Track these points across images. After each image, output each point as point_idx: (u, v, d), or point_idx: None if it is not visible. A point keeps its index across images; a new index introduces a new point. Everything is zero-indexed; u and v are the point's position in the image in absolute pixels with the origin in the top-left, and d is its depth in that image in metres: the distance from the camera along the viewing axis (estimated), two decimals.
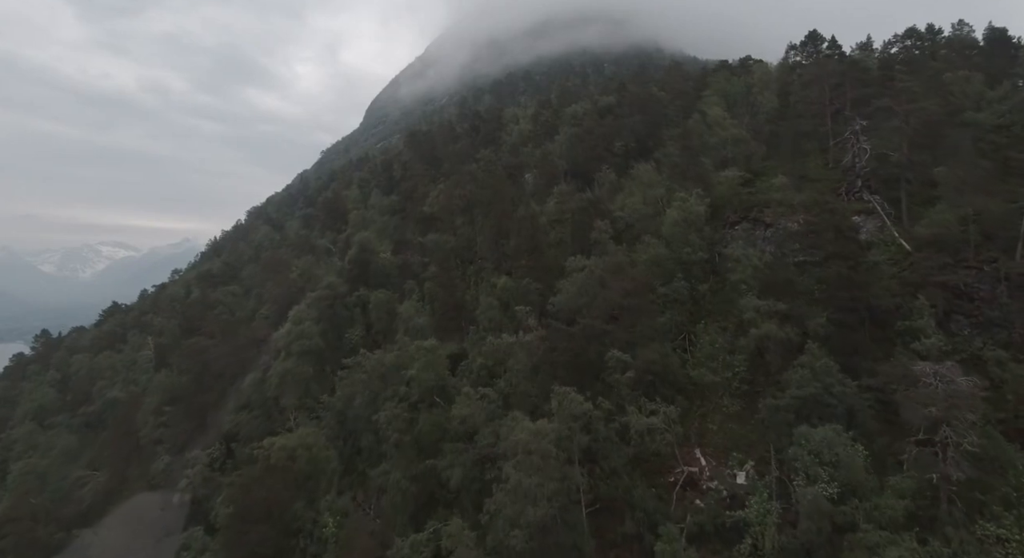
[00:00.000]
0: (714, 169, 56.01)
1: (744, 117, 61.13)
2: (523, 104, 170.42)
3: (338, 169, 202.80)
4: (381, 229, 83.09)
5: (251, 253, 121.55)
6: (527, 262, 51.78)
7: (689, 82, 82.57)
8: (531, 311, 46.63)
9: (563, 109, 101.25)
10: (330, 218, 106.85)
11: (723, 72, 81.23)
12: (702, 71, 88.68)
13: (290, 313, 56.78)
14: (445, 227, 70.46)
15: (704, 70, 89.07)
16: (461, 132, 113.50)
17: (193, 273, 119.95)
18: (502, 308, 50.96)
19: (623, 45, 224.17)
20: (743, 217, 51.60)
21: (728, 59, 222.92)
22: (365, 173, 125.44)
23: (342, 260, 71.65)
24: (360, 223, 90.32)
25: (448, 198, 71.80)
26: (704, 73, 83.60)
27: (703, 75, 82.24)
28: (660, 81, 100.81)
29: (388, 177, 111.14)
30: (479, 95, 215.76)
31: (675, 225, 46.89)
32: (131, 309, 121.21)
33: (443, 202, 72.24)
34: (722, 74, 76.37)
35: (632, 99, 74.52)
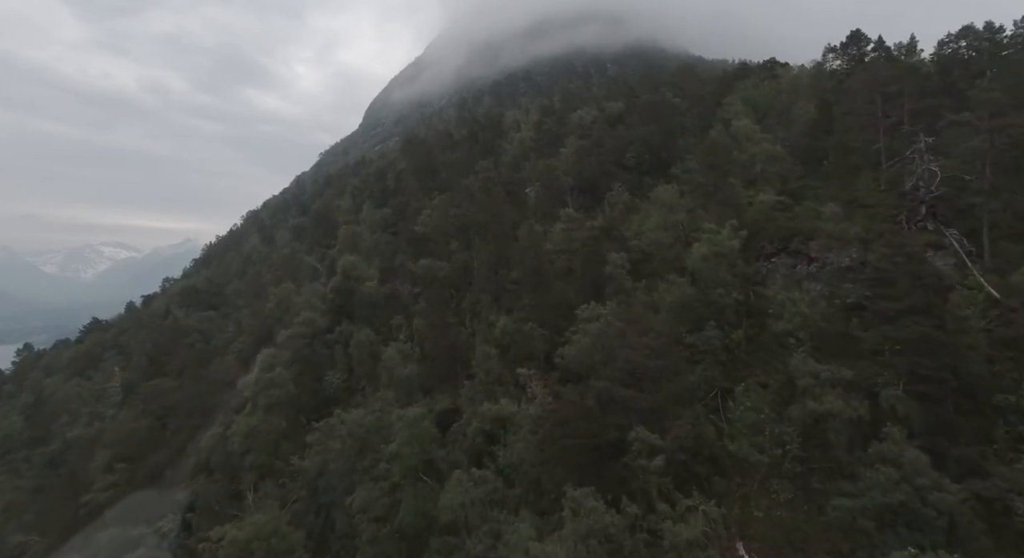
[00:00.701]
0: (744, 190, 48.38)
1: (776, 129, 53.31)
2: (524, 107, 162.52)
3: (334, 174, 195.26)
4: (371, 248, 75.44)
5: (238, 266, 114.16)
6: (530, 301, 44.15)
7: (706, 87, 74.70)
8: (535, 370, 39.15)
9: (567, 115, 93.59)
10: (320, 231, 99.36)
11: (747, 76, 73.38)
12: (721, 74, 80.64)
13: (259, 355, 49.24)
14: (438, 250, 62.84)
15: (723, 73, 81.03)
16: (459, 139, 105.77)
17: (178, 286, 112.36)
18: (501, 353, 43.45)
19: (622, 44, 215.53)
20: (781, 248, 43.88)
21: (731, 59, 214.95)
22: (358, 181, 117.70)
23: (327, 284, 64.04)
24: (349, 239, 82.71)
25: (442, 217, 64.19)
26: (724, 77, 75.66)
27: (722, 79, 74.30)
28: (672, 85, 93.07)
29: (382, 187, 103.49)
30: (478, 96, 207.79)
31: (704, 261, 39.22)
32: (112, 326, 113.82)
33: (436, 221, 64.60)
34: (750, 80, 68.33)
35: (644, 107, 66.68)
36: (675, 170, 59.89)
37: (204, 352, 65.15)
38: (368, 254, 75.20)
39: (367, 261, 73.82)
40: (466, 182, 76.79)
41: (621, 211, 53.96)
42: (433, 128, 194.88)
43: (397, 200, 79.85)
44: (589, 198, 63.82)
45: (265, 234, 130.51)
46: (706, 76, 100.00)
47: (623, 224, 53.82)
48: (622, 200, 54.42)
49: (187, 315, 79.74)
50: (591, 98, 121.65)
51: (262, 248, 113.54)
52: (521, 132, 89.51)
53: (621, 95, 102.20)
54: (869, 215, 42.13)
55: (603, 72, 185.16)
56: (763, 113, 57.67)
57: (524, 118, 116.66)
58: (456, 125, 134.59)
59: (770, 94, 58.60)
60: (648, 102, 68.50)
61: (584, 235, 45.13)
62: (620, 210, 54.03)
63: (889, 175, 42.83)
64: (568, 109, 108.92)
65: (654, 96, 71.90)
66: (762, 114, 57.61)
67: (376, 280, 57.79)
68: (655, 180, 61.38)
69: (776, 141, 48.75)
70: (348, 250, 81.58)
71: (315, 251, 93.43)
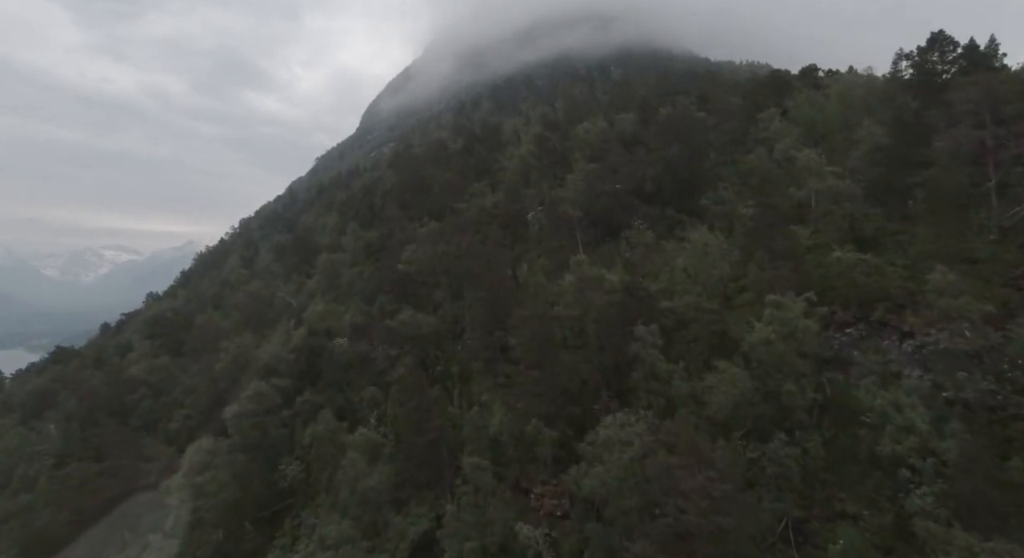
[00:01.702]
0: (800, 230, 37.76)
1: (835, 155, 42.53)
2: (524, 113, 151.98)
3: (326, 182, 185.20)
4: (350, 284, 64.90)
5: (215, 290, 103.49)
6: (533, 385, 33.55)
7: (734, 97, 63.95)
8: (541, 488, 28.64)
9: (572, 127, 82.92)
10: (300, 255, 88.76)
11: (783, 86, 62.57)
12: (751, 83, 69.65)
13: (190, 450, 38.76)
14: (424, 295, 52.34)
15: (754, 82, 70.04)
16: (453, 151, 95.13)
17: (151, 312, 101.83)
18: (497, 456, 32.99)
19: (616, 45, 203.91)
20: (860, 317, 33.32)
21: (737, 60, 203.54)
22: (345, 197, 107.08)
23: (293, 333, 53.40)
24: (328, 271, 72.15)
25: (429, 254, 53.62)
26: (755, 87, 64.70)
27: (754, 89, 63.37)
28: (689, 93, 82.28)
29: (368, 205, 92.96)
30: (477, 101, 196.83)
31: (768, 345, 28.63)
32: (77, 355, 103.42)
33: (423, 258, 54.05)
34: (788, 90, 57.40)
35: (664, 124, 55.90)
36: (706, 200, 49.28)
37: (151, 412, 54.69)
38: (347, 291, 64.72)
39: (344, 301, 63.40)
40: (459, 206, 66.32)
41: (643, 253, 43.32)
42: (429, 135, 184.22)
43: (383, 223, 69.22)
44: (602, 231, 53.26)
45: (247, 253, 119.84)
46: (724, 81, 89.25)
47: (647, 271, 43.30)
48: (644, 240, 43.73)
49: (141, 358, 69.15)
50: (597, 106, 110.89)
51: (241, 271, 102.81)
52: (521, 148, 78.77)
53: (631, 104, 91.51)
54: (979, 274, 31.57)
55: (607, 75, 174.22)
56: (814, 133, 46.87)
57: (524, 128, 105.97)
58: (452, 133, 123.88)
59: (821, 109, 47.64)
60: (669, 118, 57.75)
61: (602, 298, 34.41)
62: (641, 253, 43.37)
63: (1004, 220, 32.21)
64: (572, 119, 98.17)
65: (675, 110, 61.12)
66: (813, 134, 46.83)
67: (348, 336, 47.08)
68: (680, 211, 50.94)
69: (843, 173, 37.90)
70: (325, 284, 71.27)
71: (293, 278, 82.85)
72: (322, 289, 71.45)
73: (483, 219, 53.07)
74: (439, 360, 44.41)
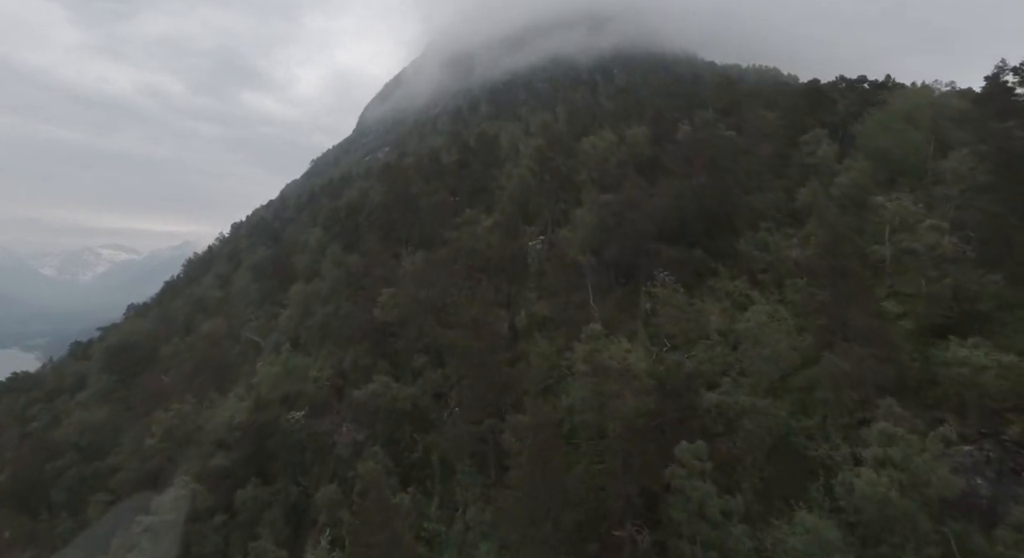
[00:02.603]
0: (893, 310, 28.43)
1: (914, 191, 33.16)
2: (523, 118, 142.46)
3: (317, 188, 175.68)
4: (323, 324, 55.43)
5: (188, 312, 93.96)
6: (535, 516, 24.27)
7: (765, 112, 54.53)
8: None
9: (576, 142, 73.52)
10: (277, 277, 79.26)
11: (824, 99, 53.15)
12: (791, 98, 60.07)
13: None
14: (405, 350, 42.94)
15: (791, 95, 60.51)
16: (447, 165, 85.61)
17: (114, 339, 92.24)
18: None
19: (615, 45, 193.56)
20: (987, 433, 24.09)
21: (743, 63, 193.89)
22: (330, 211, 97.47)
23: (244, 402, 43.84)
24: (301, 304, 62.75)
25: (411, 299, 44.30)
26: (795, 101, 55.11)
27: (793, 105, 53.77)
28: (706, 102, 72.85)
29: (353, 224, 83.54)
30: (475, 105, 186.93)
31: (882, 503, 19.35)
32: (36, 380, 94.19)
33: (403, 303, 44.73)
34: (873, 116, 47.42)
35: (688, 145, 46.42)
36: (744, 243, 39.99)
37: (80, 483, 45.26)
38: (318, 333, 55.31)
39: (315, 347, 54.07)
40: (449, 236, 57.00)
41: (672, 319, 33.90)
42: (424, 139, 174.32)
43: (363, 256, 59.80)
44: (617, 275, 43.93)
45: (226, 269, 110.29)
46: (745, 90, 79.75)
47: (678, 337, 34.03)
48: (674, 302, 34.25)
49: (90, 400, 59.69)
50: (601, 114, 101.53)
51: (217, 293, 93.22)
52: (520, 166, 69.27)
53: (640, 114, 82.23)
54: None
55: (609, 78, 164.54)
56: (886, 163, 37.42)
57: (523, 139, 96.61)
58: (448, 141, 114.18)
59: (896, 135, 38.00)
60: (692, 139, 48.32)
61: (629, 407, 24.98)
62: (671, 318, 33.94)
63: None
64: (576, 129, 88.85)
65: (697, 128, 51.73)
66: (884, 165, 37.40)
67: (307, 411, 37.61)
68: (710, 253, 41.59)
69: (941, 224, 28.46)
70: (297, 319, 61.85)
71: (266, 307, 73.45)
72: (294, 323, 62.13)
73: (475, 258, 43.66)
74: (416, 445, 35.06)
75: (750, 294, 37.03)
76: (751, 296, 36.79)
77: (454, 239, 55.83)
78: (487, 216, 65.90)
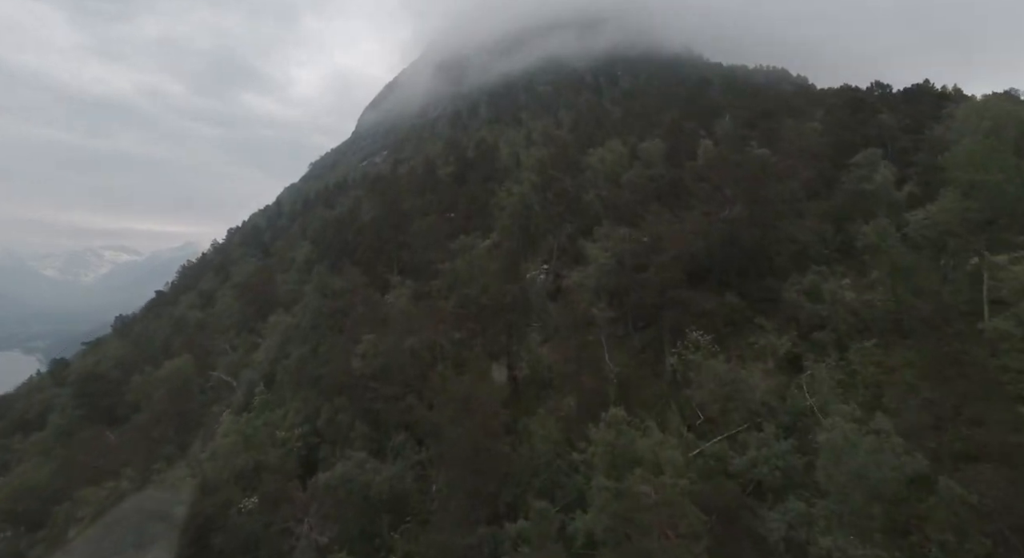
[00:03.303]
0: None
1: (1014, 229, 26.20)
2: (525, 124, 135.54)
3: (312, 195, 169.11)
4: (298, 367, 48.46)
5: (166, 335, 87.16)
6: None
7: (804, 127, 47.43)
8: None
9: (582, 154, 66.69)
10: (257, 304, 72.49)
11: (865, 108, 46.02)
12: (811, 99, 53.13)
13: None
14: (386, 412, 36.11)
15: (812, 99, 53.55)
16: (443, 177, 78.79)
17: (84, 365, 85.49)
18: None
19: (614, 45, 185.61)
20: None
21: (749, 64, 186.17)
22: (318, 226, 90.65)
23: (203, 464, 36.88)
24: (277, 337, 55.87)
25: (393, 350, 37.47)
26: (824, 106, 47.90)
27: (833, 116, 46.56)
28: (722, 109, 65.82)
29: (341, 242, 76.76)
30: (474, 108, 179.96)
31: None
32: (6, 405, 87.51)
33: (385, 353, 37.90)
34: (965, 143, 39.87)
35: (716, 166, 39.33)
36: (789, 289, 33.05)
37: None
38: (293, 378, 48.32)
39: (288, 394, 47.20)
40: (441, 267, 50.06)
41: (712, 394, 26.94)
42: (422, 143, 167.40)
43: (350, 279, 52.91)
44: (636, 320, 36.99)
45: (210, 285, 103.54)
46: (769, 96, 72.64)
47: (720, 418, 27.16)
48: (715, 372, 27.27)
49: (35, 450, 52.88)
50: (608, 121, 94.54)
51: (198, 314, 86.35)
52: (522, 182, 62.32)
53: (651, 123, 75.37)
54: None
55: (614, 81, 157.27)
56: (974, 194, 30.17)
57: (524, 148, 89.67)
58: (446, 148, 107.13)
59: (996, 161, 30.29)
60: (721, 159, 41.28)
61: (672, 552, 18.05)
62: (710, 391, 26.99)
63: None
64: (581, 139, 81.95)
65: (723, 145, 44.69)
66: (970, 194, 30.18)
67: (259, 501, 30.70)
68: (746, 298, 34.72)
69: None
70: (274, 352, 54.95)
71: (243, 337, 66.65)
72: (271, 359, 55.28)
73: (469, 299, 36.72)
74: (394, 548, 28.14)
75: (800, 353, 30.24)
76: (802, 356, 30.01)
77: (447, 270, 48.94)
78: (486, 238, 59.18)
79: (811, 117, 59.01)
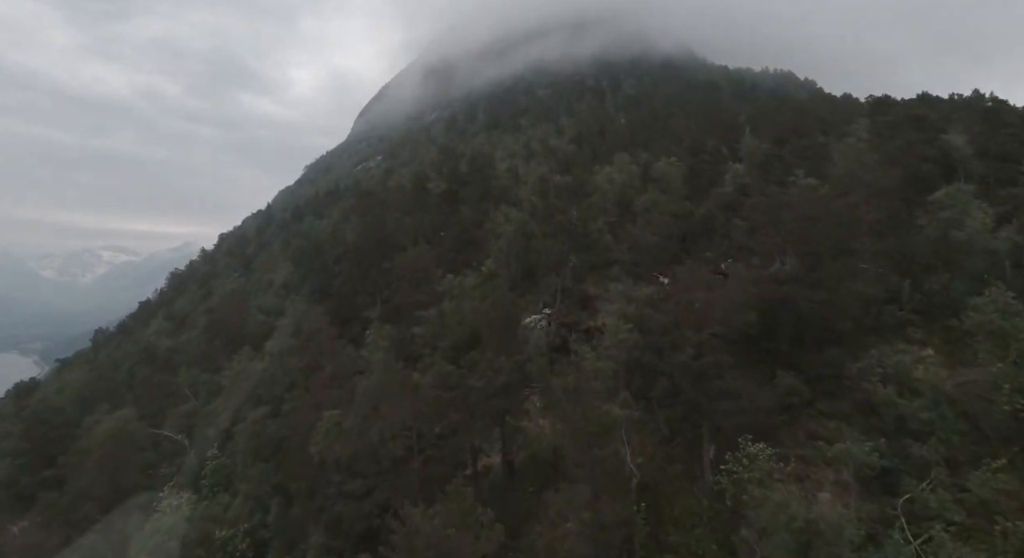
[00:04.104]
0: None
1: None
2: (524, 131, 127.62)
3: (302, 202, 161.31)
4: (252, 437, 40.62)
5: (133, 362, 79.21)
6: None
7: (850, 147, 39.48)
8: None
9: (589, 173, 59.07)
10: (225, 338, 64.51)
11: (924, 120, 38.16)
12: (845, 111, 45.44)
13: None
14: (348, 516, 28.35)
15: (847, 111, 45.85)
16: (435, 195, 70.83)
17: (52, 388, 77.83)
18: None
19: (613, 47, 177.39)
20: None
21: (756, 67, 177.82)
22: (300, 244, 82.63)
23: None
24: (238, 387, 48.08)
25: (360, 433, 29.71)
26: (885, 129, 39.86)
27: (902, 141, 38.40)
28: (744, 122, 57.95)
29: (321, 266, 69.00)
30: (471, 112, 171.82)
31: None
32: None
33: (348, 440, 30.13)
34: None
35: (765, 207, 31.44)
36: (867, 372, 25.31)
37: None
38: (249, 447, 40.50)
39: (239, 469, 39.49)
40: (422, 315, 42.16)
41: (780, 545, 19.26)
42: (418, 148, 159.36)
43: (304, 353, 44.87)
44: (662, 400, 29.18)
45: (182, 308, 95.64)
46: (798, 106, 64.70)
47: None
48: (783, 510, 19.56)
49: None
50: (615, 132, 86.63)
51: (167, 342, 78.29)
52: (520, 206, 54.49)
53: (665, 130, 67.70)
54: None
55: (618, 86, 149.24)
56: None
57: (524, 160, 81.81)
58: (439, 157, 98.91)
59: None
60: (768, 197, 33.39)
61: None
62: (778, 541, 19.30)
63: None
64: (586, 152, 74.32)
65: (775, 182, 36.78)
66: None
67: None
68: (806, 376, 27.02)
69: None
70: (234, 414, 47.11)
71: (204, 378, 58.80)
72: (230, 415, 47.52)
73: (452, 385, 28.87)
74: None
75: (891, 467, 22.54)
76: (893, 470, 22.31)
77: (432, 317, 41.17)
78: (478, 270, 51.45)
79: (846, 132, 51.38)
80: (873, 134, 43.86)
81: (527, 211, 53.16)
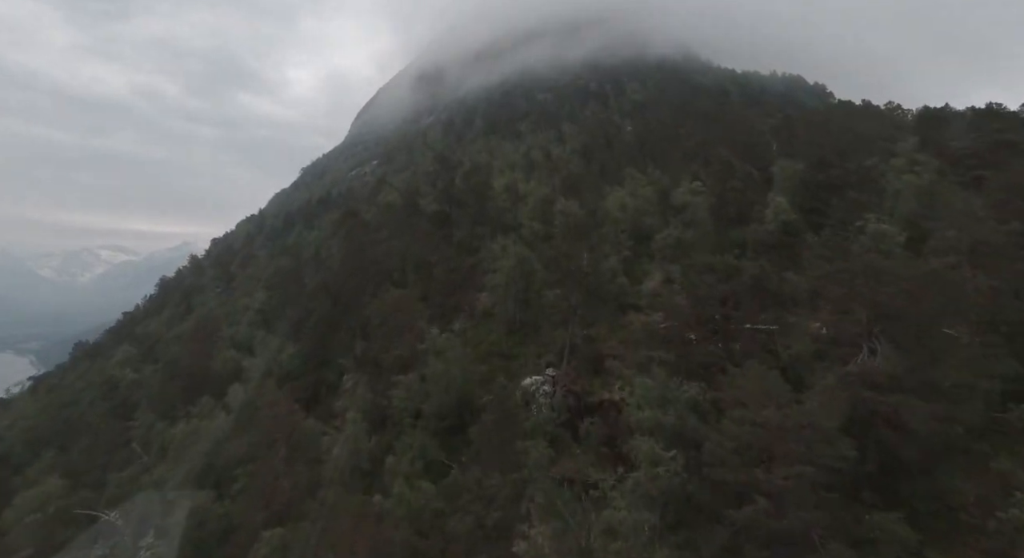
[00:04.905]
0: None
1: None
2: (524, 136, 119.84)
3: (293, 210, 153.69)
4: (197, 527, 33.20)
5: (93, 396, 71.43)
6: None
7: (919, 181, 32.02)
8: None
9: (599, 197, 51.68)
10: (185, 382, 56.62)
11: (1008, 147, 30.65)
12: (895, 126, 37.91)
13: None
14: None
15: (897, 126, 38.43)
16: (427, 216, 63.18)
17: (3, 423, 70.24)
18: None
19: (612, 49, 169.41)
20: None
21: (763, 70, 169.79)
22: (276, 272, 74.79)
23: None
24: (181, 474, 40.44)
25: None
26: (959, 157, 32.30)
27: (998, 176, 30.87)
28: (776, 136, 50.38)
29: (296, 295, 61.41)
30: (469, 117, 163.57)
31: None
32: None
33: None
34: None
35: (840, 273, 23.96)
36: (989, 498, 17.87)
37: None
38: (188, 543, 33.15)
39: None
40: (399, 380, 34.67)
41: None
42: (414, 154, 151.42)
43: (263, 426, 37.11)
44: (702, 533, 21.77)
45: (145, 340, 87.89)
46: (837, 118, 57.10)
47: None
48: None
49: None
50: (622, 145, 78.98)
51: (130, 374, 70.42)
52: (520, 235, 46.89)
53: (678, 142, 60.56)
54: None
55: (622, 91, 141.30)
56: None
57: (524, 174, 74.08)
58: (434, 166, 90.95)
59: None
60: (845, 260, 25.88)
61: None
62: None
63: None
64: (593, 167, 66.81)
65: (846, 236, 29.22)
66: None
67: None
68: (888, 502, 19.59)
69: None
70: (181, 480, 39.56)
71: (156, 432, 51.11)
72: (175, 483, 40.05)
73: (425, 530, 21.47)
74: None
75: None
76: None
77: (412, 382, 33.75)
78: (470, 314, 44.09)
79: (894, 151, 43.91)
80: (932, 156, 36.34)
81: (527, 239, 45.72)
